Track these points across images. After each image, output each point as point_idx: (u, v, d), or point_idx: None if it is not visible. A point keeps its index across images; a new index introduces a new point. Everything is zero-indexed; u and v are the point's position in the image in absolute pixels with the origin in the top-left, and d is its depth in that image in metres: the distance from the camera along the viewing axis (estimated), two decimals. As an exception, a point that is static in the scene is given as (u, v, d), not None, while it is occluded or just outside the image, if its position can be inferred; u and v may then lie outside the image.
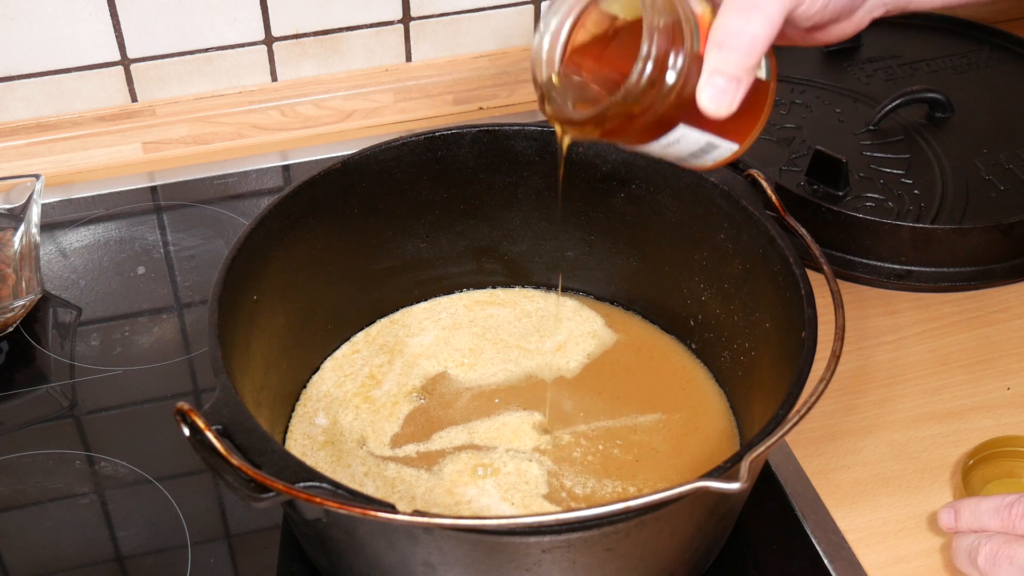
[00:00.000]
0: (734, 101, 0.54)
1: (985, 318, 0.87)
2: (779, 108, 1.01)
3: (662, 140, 0.56)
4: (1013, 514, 0.64)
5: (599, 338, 0.82)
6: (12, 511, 0.75)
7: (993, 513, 0.65)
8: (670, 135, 0.56)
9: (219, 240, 0.96)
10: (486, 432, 0.76)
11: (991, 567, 0.63)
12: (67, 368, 0.84)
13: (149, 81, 1.03)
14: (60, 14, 0.97)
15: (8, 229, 0.90)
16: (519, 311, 0.85)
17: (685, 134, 0.56)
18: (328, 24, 1.05)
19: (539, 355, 0.81)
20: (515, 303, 0.86)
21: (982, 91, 1.04)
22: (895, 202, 0.91)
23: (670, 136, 0.56)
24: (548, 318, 0.84)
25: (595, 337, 0.82)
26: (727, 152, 0.59)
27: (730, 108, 0.54)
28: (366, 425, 0.76)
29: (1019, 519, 0.63)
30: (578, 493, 0.71)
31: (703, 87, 0.54)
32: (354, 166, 0.76)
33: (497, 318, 0.84)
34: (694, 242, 0.77)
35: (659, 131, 0.55)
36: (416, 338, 0.83)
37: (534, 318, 0.84)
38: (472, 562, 0.60)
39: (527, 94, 1.11)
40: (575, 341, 0.82)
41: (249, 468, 0.55)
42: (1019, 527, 0.63)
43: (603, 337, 0.82)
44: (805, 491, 0.74)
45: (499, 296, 0.86)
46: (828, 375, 0.61)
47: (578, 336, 0.82)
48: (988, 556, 0.64)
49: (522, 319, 0.84)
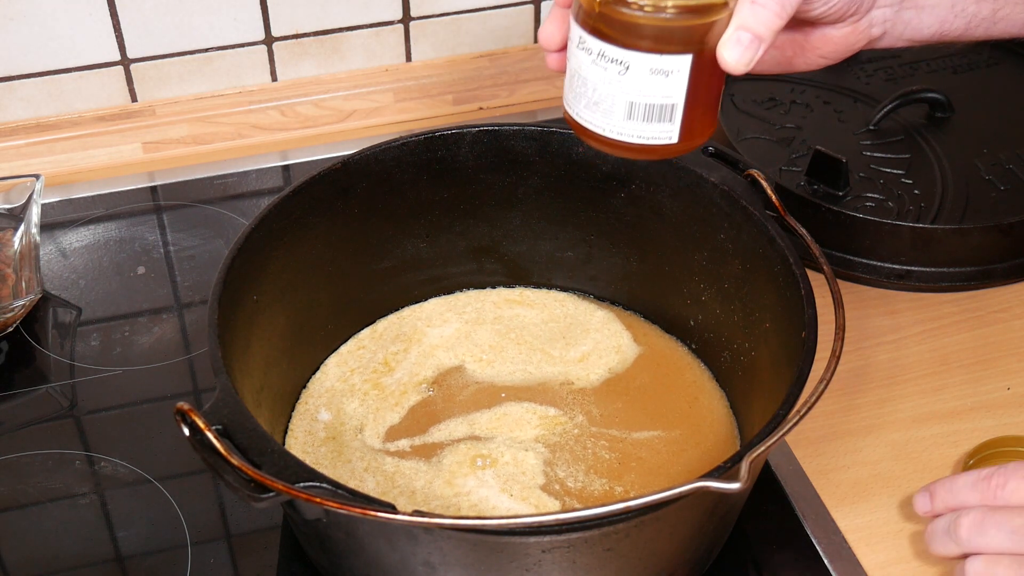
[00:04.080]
0: (753, 59, 0.56)
1: (985, 318, 0.87)
2: (779, 108, 1.02)
3: (636, 55, 0.56)
4: (993, 485, 0.63)
5: (623, 354, 0.81)
6: (12, 511, 0.75)
7: (971, 487, 0.64)
8: (651, 57, 0.56)
9: (219, 240, 0.96)
10: (487, 423, 0.76)
11: (976, 536, 0.62)
12: (67, 368, 0.84)
13: (149, 81, 1.03)
14: (60, 14, 0.97)
15: (8, 229, 0.90)
16: (547, 314, 0.84)
17: (668, 66, 0.56)
18: (328, 24, 1.05)
19: (561, 363, 0.80)
20: (544, 305, 0.85)
21: (982, 91, 1.04)
22: (895, 202, 0.91)
23: (651, 59, 0.56)
24: (575, 325, 0.83)
25: (619, 352, 0.81)
26: (666, 138, 0.59)
27: (748, 66, 0.56)
28: (369, 413, 0.76)
29: (998, 489, 0.62)
30: (570, 486, 0.71)
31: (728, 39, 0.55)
32: (354, 166, 0.76)
33: (523, 318, 0.84)
34: (694, 242, 0.77)
35: (649, 44, 0.56)
36: (436, 329, 0.83)
37: (561, 323, 0.84)
38: (472, 562, 0.60)
39: (527, 94, 1.11)
40: (599, 354, 0.81)
41: (249, 468, 0.55)
42: (1000, 497, 0.62)
43: (627, 353, 0.81)
44: (805, 491, 0.74)
45: (528, 296, 0.86)
46: (828, 375, 0.61)
47: (603, 349, 0.81)
48: (972, 525, 0.62)
49: (549, 323, 0.84)
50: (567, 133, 0.78)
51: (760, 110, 1.01)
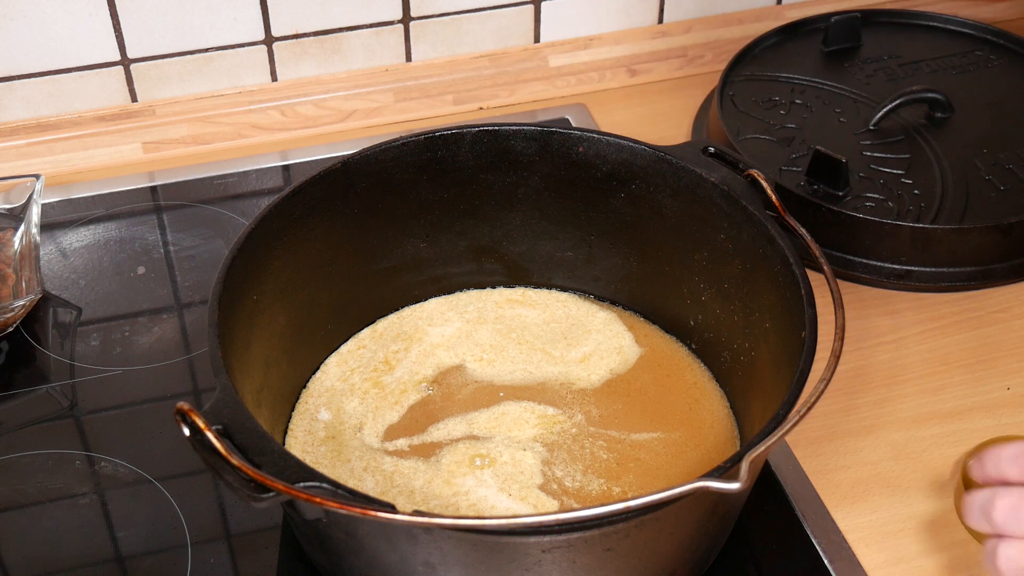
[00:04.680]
0: None
1: (985, 318, 0.87)
2: (779, 108, 1.02)
3: None
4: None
5: (624, 355, 0.81)
6: (12, 511, 0.75)
7: (1012, 461, 0.61)
8: None
9: (219, 240, 0.96)
10: (485, 422, 0.76)
11: (1012, 521, 0.60)
12: (67, 368, 0.84)
13: (149, 81, 1.03)
14: (60, 14, 0.97)
15: (8, 229, 0.90)
16: (549, 315, 0.84)
17: None
18: (328, 24, 1.05)
19: (562, 363, 0.80)
20: (546, 306, 0.85)
21: (982, 91, 1.04)
22: (895, 202, 0.91)
23: None
24: (577, 326, 0.83)
25: (620, 353, 0.81)
26: None
27: None
28: (369, 411, 0.76)
29: None
30: (568, 486, 0.71)
31: None
32: (354, 166, 0.76)
33: (525, 319, 0.84)
34: (694, 242, 0.77)
35: None
36: (438, 328, 0.83)
37: (563, 324, 0.83)
38: (472, 562, 0.60)
39: (527, 94, 1.12)
40: (600, 355, 0.81)
41: (249, 468, 0.55)
42: None
43: (628, 354, 0.81)
44: (805, 491, 0.74)
45: (530, 297, 0.86)
46: (828, 375, 0.61)
47: (605, 350, 0.81)
48: (1007, 508, 0.60)
49: (551, 323, 0.84)
50: (567, 133, 0.78)
51: (760, 110, 1.01)
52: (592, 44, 1.12)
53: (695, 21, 1.14)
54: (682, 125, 1.08)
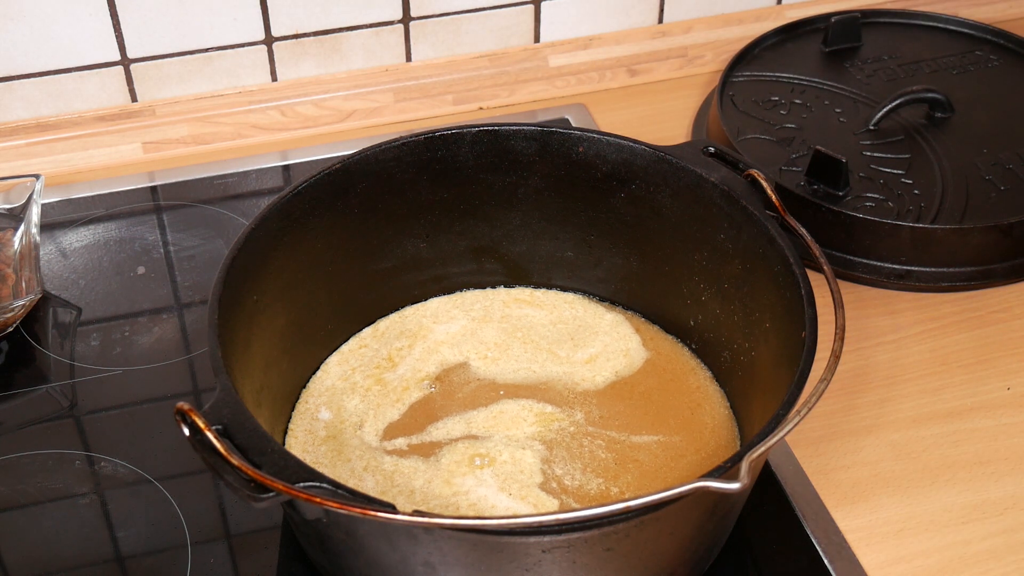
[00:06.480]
0: None
1: (985, 318, 0.87)
2: (779, 108, 1.02)
3: None
4: None
5: (631, 358, 0.81)
6: (12, 511, 0.75)
7: None
8: None
9: (219, 240, 0.96)
10: (484, 421, 0.76)
11: None
12: (67, 368, 0.84)
13: (149, 81, 1.03)
14: (60, 14, 0.97)
15: (8, 229, 0.90)
16: (556, 315, 0.84)
17: None
18: (328, 24, 1.05)
19: (568, 363, 0.80)
20: (553, 306, 0.85)
21: (982, 91, 1.04)
22: (895, 202, 0.91)
23: None
24: (584, 327, 0.83)
25: (627, 356, 0.81)
26: None
27: None
28: (370, 409, 0.77)
29: None
30: (568, 484, 0.71)
31: None
32: (354, 166, 0.76)
33: (531, 318, 0.84)
34: (694, 242, 0.77)
35: None
36: (443, 326, 0.83)
37: (570, 325, 0.83)
38: (472, 562, 0.60)
39: (527, 94, 1.12)
40: (607, 356, 0.81)
41: (249, 468, 0.55)
42: None
43: (635, 357, 0.81)
44: (805, 491, 0.74)
45: (537, 297, 0.86)
46: (828, 375, 0.61)
47: (611, 352, 0.81)
48: None
49: (557, 324, 0.83)
50: (567, 133, 0.78)
51: (760, 110, 1.01)
52: (592, 44, 1.12)
53: (695, 21, 1.14)
54: (682, 125, 1.08)
